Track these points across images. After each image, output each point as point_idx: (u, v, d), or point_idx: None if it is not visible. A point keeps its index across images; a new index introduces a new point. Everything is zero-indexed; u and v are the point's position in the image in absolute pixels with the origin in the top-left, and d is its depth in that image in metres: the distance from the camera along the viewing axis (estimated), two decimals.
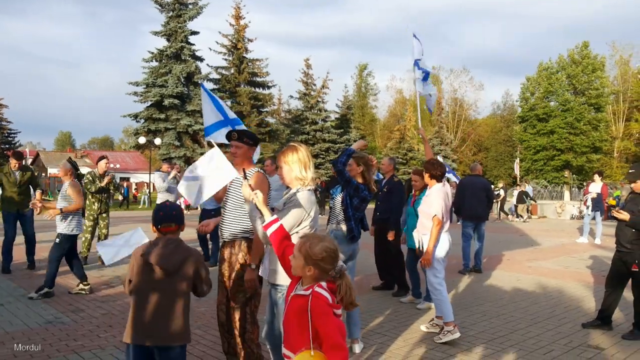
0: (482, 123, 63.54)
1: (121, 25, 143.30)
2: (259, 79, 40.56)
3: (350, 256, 4.78)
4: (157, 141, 33.10)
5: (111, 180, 9.09)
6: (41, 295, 6.52)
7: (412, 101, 57.22)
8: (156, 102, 35.29)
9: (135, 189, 43.55)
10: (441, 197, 5.19)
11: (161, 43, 37.25)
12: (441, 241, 5.23)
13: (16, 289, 7.08)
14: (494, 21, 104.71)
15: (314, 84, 44.67)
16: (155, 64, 36.89)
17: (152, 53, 36.63)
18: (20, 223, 8.47)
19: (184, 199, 32.12)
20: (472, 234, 9.05)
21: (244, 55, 39.74)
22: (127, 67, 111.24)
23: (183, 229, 3.12)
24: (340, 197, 4.89)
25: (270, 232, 2.81)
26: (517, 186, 26.27)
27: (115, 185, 9.61)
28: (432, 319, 5.46)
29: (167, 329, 2.92)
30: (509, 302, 6.68)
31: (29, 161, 48.84)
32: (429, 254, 5.13)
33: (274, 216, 2.87)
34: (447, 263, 5.62)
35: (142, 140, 33.17)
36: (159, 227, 3.03)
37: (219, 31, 39.85)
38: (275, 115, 47.40)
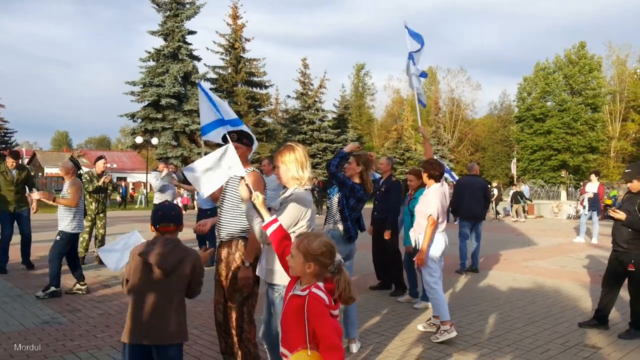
0: (479, 123, 63.62)
1: (118, 25, 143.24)
2: (256, 78, 40.52)
3: (348, 256, 4.79)
4: (154, 141, 33.03)
5: (110, 180, 9.07)
6: (48, 295, 6.50)
7: (409, 101, 57.27)
8: (153, 102, 35.19)
9: (132, 188, 43.48)
10: (438, 197, 5.20)
11: (158, 42, 37.17)
12: (437, 241, 5.25)
13: (12, 289, 7.06)
14: (491, 21, 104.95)
15: (312, 84, 44.62)
16: (152, 63, 36.80)
17: (149, 52, 36.54)
18: (17, 222, 8.44)
19: (181, 198, 31.78)
20: (469, 233, 9.07)
21: (241, 54, 39.69)
22: (124, 67, 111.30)
23: (181, 229, 3.13)
24: (337, 197, 4.89)
25: (270, 232, 2.83)
26: (512, 186, 26.30)
27: (113, 185, 9.59)
28: (429, 318, 5.47)
29: (165, 328, 2.92)
30: (505, 301, 6.69)
31: (25, 161, 48.65)
32: (423, 253, 5.16)
33: (273, 216, 2.88)
34: (444, 263, 5.64)
35: (139, 140, 33.14)
36: (157, 226, 3.04)
37: (216, 31, 39.77)
38: (272, 115, 47.37)
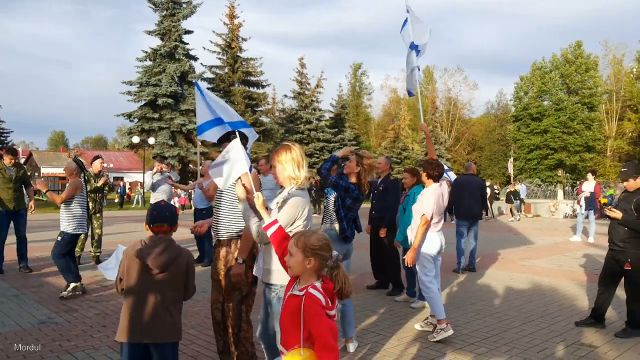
0: (476, 122, 63.72)
1: (114, 24, 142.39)
2: (253, 78, 40.50)
3: (345, 256, 4.79)
4: (151, 140, 32.99)
5: (107, 182, 9.04)
6: (70, 292, 6.48)
7: (406, 100, 57.29)
8: (150, 102, 35.15)
9: (129, 188, 43.38)
10: (435, 197, 5.21)
11: (155, 42, 37.19)
12: (432, 240, 5.27)
13: (8, 289, 7.03)
14: (488, 21, 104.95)
15: (308, 83, 44.68)
16: (149, 63, 36.76)
17: (145, 52, 36.50)
18: (14, 222, 8.26)
19: (178, 198, 31.68)
20: (466, 233, 9.07)
21: (238, 54, 39.68)
22: (121, 66, 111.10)
23: (176, 229, 3.13)
24: (334, 197, 4.89)
25: (270, 233, 2.84)
26: (508, 185, 26.43)
27: (110, 186, 9.57)
28: (427, 317, 5.48)
29: (164, 325, 2.96)
30: (502, 300, 6.70)
31: (21, 160, 48.48)
32: (413, 252, 5.21)
33: (272, 217, 2.88)
34: (442, 261, 5.64)
35: (135, 139, 33.07)
36: (151, 226, 3.05)
37: (213, 30, 39.89)
38: (269, 114, 47.29)
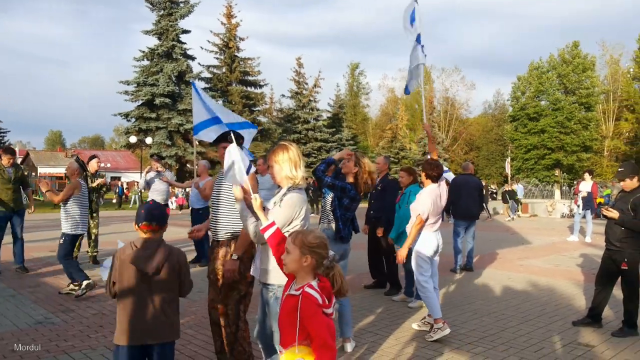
0: (473, 122, 63.79)
1: (112, 24, 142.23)
2: (250, 77, 40.51)
3: (342, 256, 4.78)
4: (148, 140, 32.95)
5: (104, 183, 9.02)
6: (85, 289, 6.46)
7: (404, 100, 57.32)
8: (147, 101, 35.13)
9: (127, 188, 43.32)
10: (432, 198, 5.22)
11: (152, 42, 37.14)
12: (429, 240, 5.28)
13: (5, 289, 7.02)
14: (485, 21, 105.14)
15: (306, 83, 44.70)
16: (146, 62, 36.73)
17: (143, 52, 36.47)
18: (12, 224, 8.21)
19: (176, 199, 31.56)
20: (464, 233, 9.08)
21: (236, 54, 39.68)
22: (118, 66, 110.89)
23: (165, 229, 3.09)
24: (331, 196, 4.88)
25: (267, 235, 2.84)
26: (505, 185, 26.53)
27: (108, 186, 9.58)
28: (424, 317, 5.48)
29: (163, 326, 2.97)
30: (499, 300, 6.71)
31: (18, 160, 48.31)
32: (405, 249, 5.27)
33: (270, 219, 2.88)
34: (439, 261, 5.64)
35: (133, 139, 33.02)
36: (139, 225, 3.01)
37: (210, 30, 39.88)
38: (267, 114, 47.36)
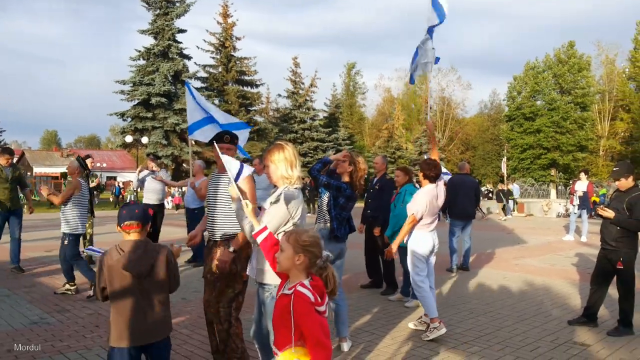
0: (469, 122, 63.80)
1: (107, 23, 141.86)
2: (247, 77, 40.42)
3: (339, 255, 4.78)
4: (144, 140, 32.82)
5: (99, 183, 9.01)
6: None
7: (400, 100, 57.35)
8: (143, 101, 35.00)
9: (122, 188, 43.24)
10: (427, 198, 5.24)
11: (148, 41, 36.99)
12: (425, 240, 5.29)
13: (0, 289, 6.99)
14: (482, 21, 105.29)
15: (302, 83, 44.66)
16: (142, 62, 36.60)
17: (139, 51, 36.34)
18: (9, 224, 8.17)
19: (172, 198, 31.48)
20: (460, 232, 9.09)
21: (232, 53, 39.59)
22: (114, 65, 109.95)
23: (148, 228, 3.07)
24: (327, 196, 4.88)
25: (260, 240, 2.83)
26: (500, 185, 26.66)
27: (103, 186, 9.57)
28: (420, 316, 5.49)
29: (159, 324, 2.99)
30: (495, 299, 6.72)
31: (14, 160, 48.17)
32: (395, 245, 5.38)
33: (262, 224, 2.87)
34: (435, 261, 5.65)
35: (129, 139, 32.89)
36: (121, 226, 2.99)
37: (206, 29, 39.65)
38: (263, 113, 47.25)
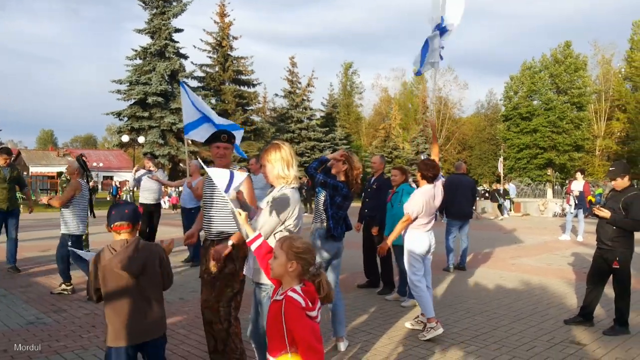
0: (466, 122, 63.88)
1: (104, 23, 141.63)
2: (243, 77, 40.42)
3: (335, 254, 4.78)
4: (141, 139, 32.75)
5: (94, 186, 8.99)
6: None
7: (397, 100, 57.37)
8: (140, 100, 34.95)
9: (119, 187, 43.18)
10: (424, 199, 5.24)
11: (145, 40, 36.98)
12: (421, 240, 5.30)
13: None
14: (479, 21, 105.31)
15: (299, 82, 44.67)
16: (138, 61, 36.56)
17: (135, 51, 36.29)
18: (6, 223, 8.12)
19: (169, 198, 31.35)
20: (457, 232, 9.11)
21: (229, 53, 39.58)
22: (111, 65, 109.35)
23: (138, 227, 3.06)
24: (324, 195, 4.88)
25: (254, 247, 2.83)
26: (496, 184, 26.78)
27: (95, 188, 9.55)
28: (417, 316, 5.49)
29: (155, 322, 3.00)
30: (492, 299, 6.74)
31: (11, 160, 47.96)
32: (388, 243, 5.45)
33: (256, 232, 2.87)
34: (432, 260, 5.65)
35: (125, 138, 32.80)
36: (111, 226, 2.96)
37: (203, 29, 39.66)
38: (260, 113, 47.21)
